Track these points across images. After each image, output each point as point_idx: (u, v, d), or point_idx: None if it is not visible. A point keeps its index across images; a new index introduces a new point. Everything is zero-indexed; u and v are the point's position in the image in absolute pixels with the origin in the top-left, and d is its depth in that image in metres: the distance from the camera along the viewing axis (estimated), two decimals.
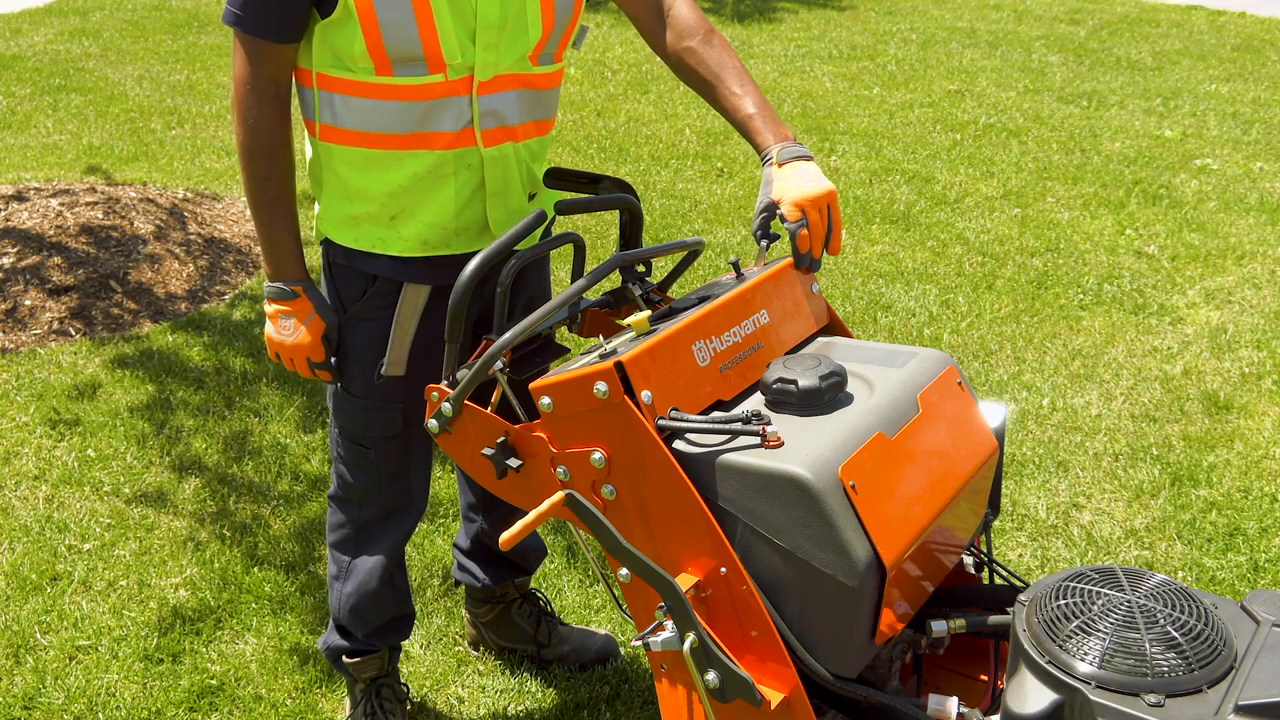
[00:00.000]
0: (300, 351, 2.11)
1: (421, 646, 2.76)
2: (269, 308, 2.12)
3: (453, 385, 1.85)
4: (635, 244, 2.16)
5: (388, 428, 2.20)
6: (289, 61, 1.97)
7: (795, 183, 1.90)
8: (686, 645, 1.60)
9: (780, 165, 1.93)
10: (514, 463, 1.77)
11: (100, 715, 2.56)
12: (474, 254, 2.06)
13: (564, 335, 3.73)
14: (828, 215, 1.90)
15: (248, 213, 5.37)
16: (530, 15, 1.96)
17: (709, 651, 1.60)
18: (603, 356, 1.68)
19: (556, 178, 2.17)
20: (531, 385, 1.71)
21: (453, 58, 1.90)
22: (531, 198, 2.14)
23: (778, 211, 1.91)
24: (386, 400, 2.17)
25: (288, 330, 2.11)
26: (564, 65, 2.12)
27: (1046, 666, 1.46)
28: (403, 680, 2.61)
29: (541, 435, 1.73)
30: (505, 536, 1.68)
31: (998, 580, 2.27)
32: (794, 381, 1.69)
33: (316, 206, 2.13)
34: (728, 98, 2.03)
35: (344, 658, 2.44)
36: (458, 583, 2.70)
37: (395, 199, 2.01)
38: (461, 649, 2.77)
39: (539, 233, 2.13)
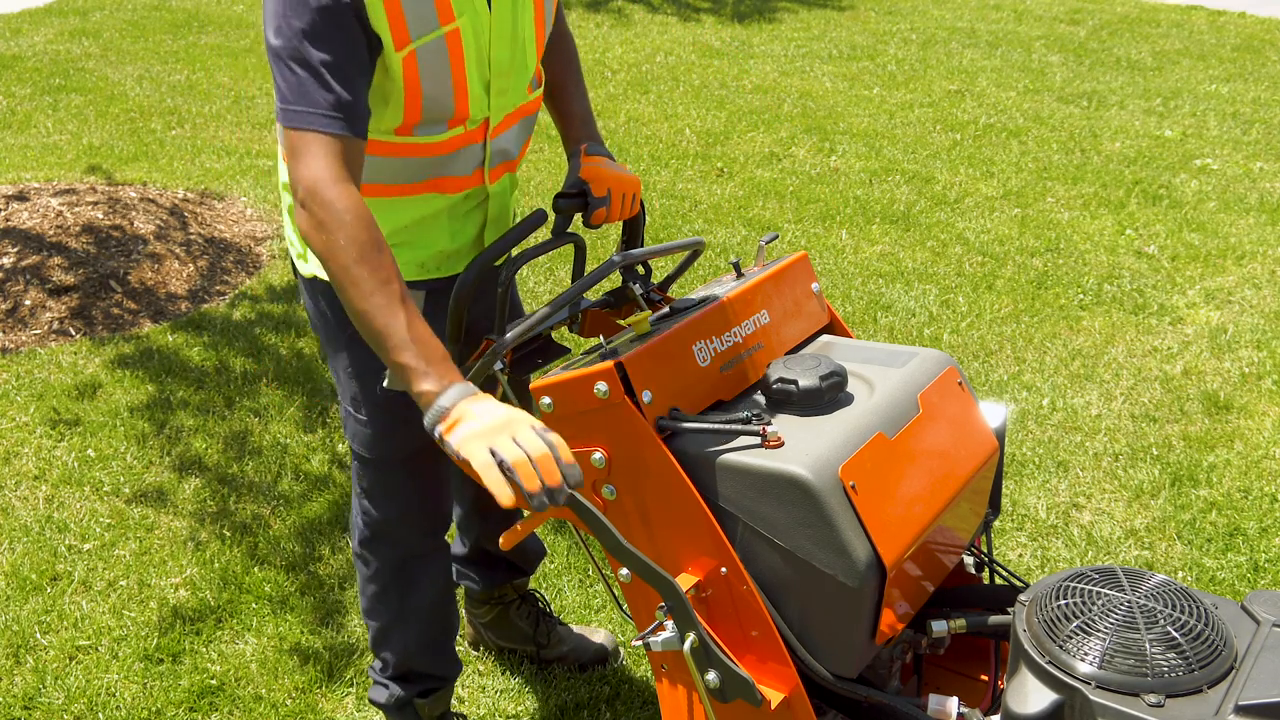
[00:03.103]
0: (523, 423, 1.54)
1: None
2: (465, 427, 1.54)
3: None
4: (636, 244, 2.16)
5: (410, 441, 2.10)
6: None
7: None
8: (687, 645, 1.60)
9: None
10: None
11: (100, 715, 2.56)
12: None
13: (564, 335, 3.73)
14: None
15: (248, 212, 5.35)
16: (529, 49, 1.96)
17: (709, 651, 1.60)
18: (603, 356, 1.68)
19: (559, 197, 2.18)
20: (532, 385, 1.71)
21: (476, 113, 1.90)
22: None
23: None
24: (402, 414, 2.09)
25: (498, 421, 1.53)
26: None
27: (1047, 666, 1.46)
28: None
29: None
30: (505, 536, 1.68)
31: (998, 580, 2.27)
32: (794, 381, 1.69)
33: (295, 244, 2.06)
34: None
35: (416, 699, 2.37)
36: (457, 584, 2.70)
37: (397, 234, 1.99)
38: (461, 649, 2.77)
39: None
